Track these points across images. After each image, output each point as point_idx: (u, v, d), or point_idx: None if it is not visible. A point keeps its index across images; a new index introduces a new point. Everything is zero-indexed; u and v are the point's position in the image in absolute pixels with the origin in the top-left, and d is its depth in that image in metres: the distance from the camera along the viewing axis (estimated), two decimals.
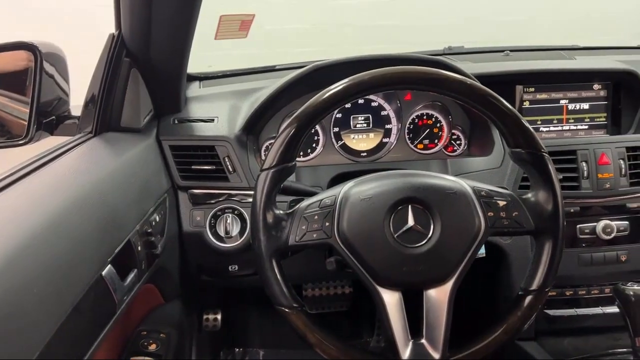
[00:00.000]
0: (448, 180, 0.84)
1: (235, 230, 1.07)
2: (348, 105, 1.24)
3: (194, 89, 1.30)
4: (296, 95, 1.18)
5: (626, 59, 1.31)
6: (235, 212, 1.07)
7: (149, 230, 0.91)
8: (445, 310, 0.79)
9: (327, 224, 0.80)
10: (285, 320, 0.81)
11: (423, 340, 0.79)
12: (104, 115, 1.00)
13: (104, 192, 0.82)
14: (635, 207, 1.12)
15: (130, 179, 0.93)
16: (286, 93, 1.15)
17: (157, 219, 0.97)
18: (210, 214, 1.08)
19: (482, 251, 1.05)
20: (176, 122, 1.15)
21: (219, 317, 1.43)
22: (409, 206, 0.80)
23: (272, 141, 0.81)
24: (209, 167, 1.09)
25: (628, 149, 1.12)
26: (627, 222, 1.12)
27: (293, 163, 0.82)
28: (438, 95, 1.10)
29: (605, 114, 1.24)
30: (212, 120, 1.15)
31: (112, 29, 1.00)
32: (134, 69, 1.03)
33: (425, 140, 1.26)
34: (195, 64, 1.25)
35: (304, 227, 0.80)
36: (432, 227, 0.79)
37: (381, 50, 1.18)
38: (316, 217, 0.80)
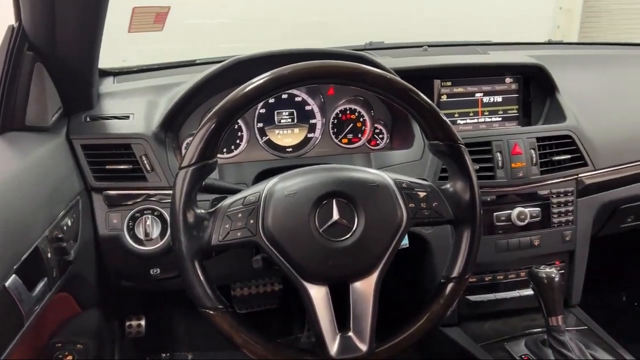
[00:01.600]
0: (371, 174, 0.85)
1: (155, 232, 1.02)
2: (272, 100, 1.22)
3: (107, 85, 1.23)
4: (217, 89, 1.15)
5: (535, 54, 1.38)
6: (155, 213, 1.03)
7: (59, 236, 0.85)
8: (371, 302, 0.80)
9: (251, 221, 0.78)
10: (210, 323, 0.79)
11: (350, 333, 0.80)
12: (6, 113, 0.92)
13: (7, 196, 0.76)
14: (545, 194, 1.18)
15: (38, 181, 0.86)
16: (206, 88, 1.12)
17: (69, 223, 0.91)
18: (128, 215, 1.02)
19: (406, 242, 1.07)
20: (88, 119, 1.09)
21: (142, 322, 1.37)
22: (334, 200, 0.80)
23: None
24: (125, 167, 1.04)
25: (538, 139, 1.18)
26: (538, 209, 1.18)
27: (214, 160, 0.80)
28: (360, 90, 1.11)
29: (517, 107, 1.30)
30: (128, 117, 1.10)
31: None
32: (39, 63, 0.95)
33: (349, 135, 1.27)
34: (108, 59, 1.19)
35: (227, 226, 0.78)
36: (356, 220, 0.80)
37: (306, 47, 1.17)
38: (240, 215, 0.79)
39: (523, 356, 1.08)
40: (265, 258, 0.88)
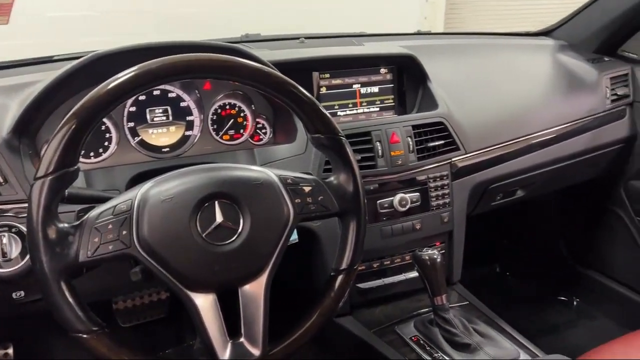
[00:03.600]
0: (254, 171, 0.82)
1: (14, 251, 0.90)
2: (143, 97, 1.14)
3: None
4: (78, 88, 1.04)
5: (407, 45, 1.43)
6: (13, 229, 0.91)
7: None
8: (262, 304, 0.78)
9: (124, 232, 0.72)
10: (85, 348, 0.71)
11: (242, 339, 0.77)
12: None
13: None
14: (423, 179, 1.23)
15: None
16: (65, 86, 1.01)
17: None
18: None
19: (295, 237, 1.06)
20: None
21: (10, 351, 1.23)
22: (216, 202, 0.76)
23: None
24: None
25: (413, 127, 1.22)
26: (418, 194, 1.22)
27: (75, 167, 0.72)
28: (239, 84, 1.07)
29: (392, 96, 1.34)
30: None
31: None
32: None
33: (231, 131, 1.23)
34: None
35: (96, 240, 0.71)
36: (241, 221, 0.77)
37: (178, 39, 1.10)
38: (110, 226, 0.72)
39: (413, 337, 1.12)
40: (144, 270, 0.82)
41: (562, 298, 2.00)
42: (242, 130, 1.24)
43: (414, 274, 1.25)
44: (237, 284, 0.77)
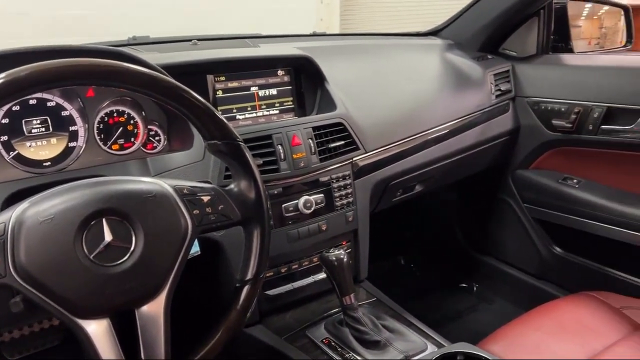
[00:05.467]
0: (145, 183, 0.77)
1: None
2: (17, 108, 1.03)
3: None
4: None
5: (303, 46, 1.43)
6: None
7: None
8: (162, 324, 0.74)
9: None
10: None
11: None
12: None
13: None
14: (326, 180, 1.23)
15: None
16: None
17: None
18: None
19: (196, 249, 1.01)
20: None
21: None
22: (103, 219, 0.71)
23: None
24: None
25: (314, 128, 1.22)
26: (322, 195, 1.22)
27: None
28: (126, 90, 1.00)
29: (291, 98, 1.33)
30: None
31: None
32: None
33: (120, 140, 1.15)
34: None
35: None
36: (134, 238, 0.73)
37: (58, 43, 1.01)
38: None
39: (324, 340, 1.11)
40: (26, 299, 0.74)
41: (463, 285, 2.11)
42: (133, 139, 1.16)
43: (322, 275, 1.25)
44: (133, 306, 0.73)
